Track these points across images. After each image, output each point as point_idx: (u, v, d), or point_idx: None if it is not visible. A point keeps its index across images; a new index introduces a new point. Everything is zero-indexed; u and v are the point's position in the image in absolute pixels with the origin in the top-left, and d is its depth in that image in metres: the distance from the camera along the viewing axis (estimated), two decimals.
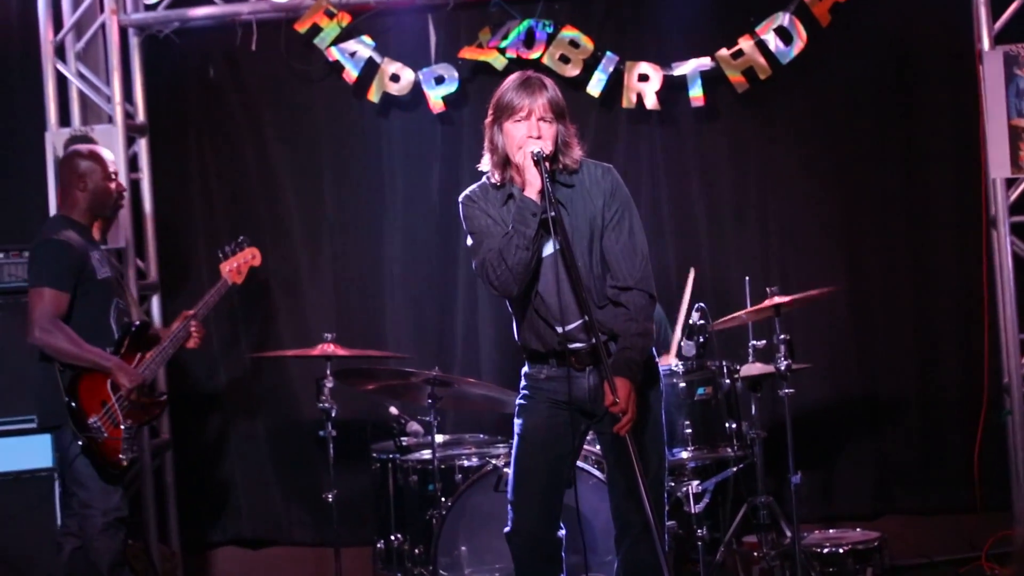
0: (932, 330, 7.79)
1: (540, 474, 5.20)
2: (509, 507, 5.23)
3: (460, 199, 5.25)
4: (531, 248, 4.97)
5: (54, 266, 6.27)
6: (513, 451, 5.28)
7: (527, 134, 5.01)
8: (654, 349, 5.27)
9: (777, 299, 6.53)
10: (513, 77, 5.16)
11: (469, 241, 5.21)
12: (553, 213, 4.90)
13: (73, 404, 6.16)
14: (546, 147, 4.99)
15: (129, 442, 6.23)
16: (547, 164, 4.97)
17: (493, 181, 5.18)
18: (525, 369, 5.32)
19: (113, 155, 6.82)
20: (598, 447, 6.24)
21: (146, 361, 6.44)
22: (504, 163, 5.13)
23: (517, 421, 5.28)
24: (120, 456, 6.20)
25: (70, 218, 6.47)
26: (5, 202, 8.07)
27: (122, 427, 6.21)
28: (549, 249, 5.08)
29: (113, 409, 6.22)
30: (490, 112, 5.16)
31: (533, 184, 4.96)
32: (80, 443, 6.12)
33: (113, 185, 6.57)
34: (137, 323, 6.49)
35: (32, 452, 7.08)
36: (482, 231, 5.15)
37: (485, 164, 5.21)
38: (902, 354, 7.81)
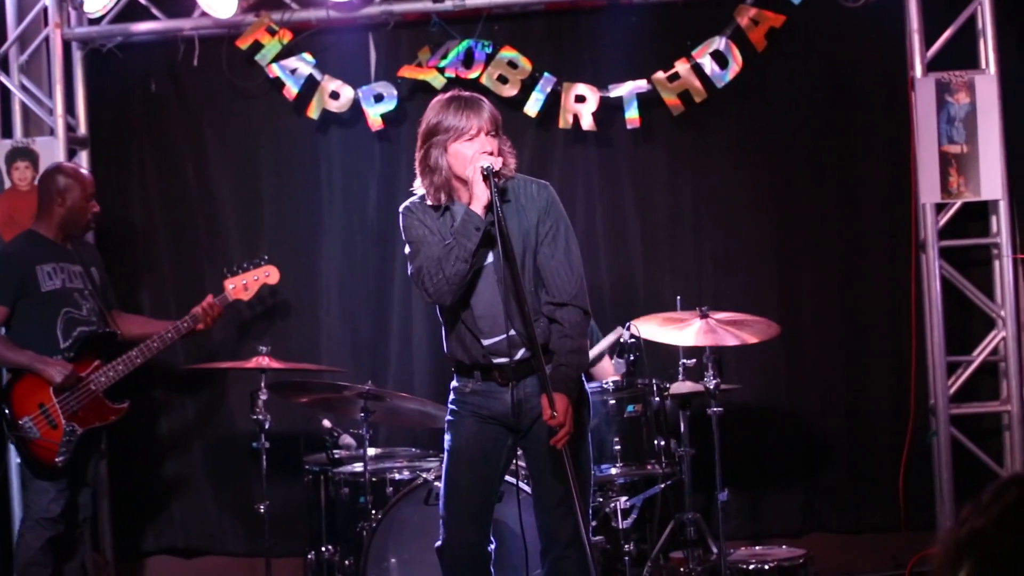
0: (861, 351, 7.85)
1: (470, 490, 5.26)
2: (440, 522, 5.29)
3: (400, 209, 5.29)
4: (470, 261, 5.02)
5: None
6: (443, 467, 5.33)
7: (480, 150, 5.04)
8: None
9: (708, 340, 6.57)
10: (444, 100, 5.17)
11: (407, 249, 5.26)
12: (498, 233, 4.95)
13: (3, 405, 6.35)
14: (496, 163, 5.02)
15: (68, 444, 6.35)
16: (496, 179, 5.01)
17: (429, 203, 5.20)
18: (453, 383, 5.37)
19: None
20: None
21: (105, 368, 6.57)
22: (446, 185, 5.13)
23: (446, 437, 5.33)
24: (57, 458, 6.33)
25: (36, 232, 6.68)
26: None
27: (60, 429, 6.34)
28: (484, 261, 5.14)
29: (52, 410, 6.36)
30: (426, 136, 5.14)
31: (480, 199, 5.00)
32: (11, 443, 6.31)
33: (90, 206, 6.78)
34: (99, 331, 6.65)
35: None
36: (419, 240, 5.18)
37: (419, 187, 5.23)
38: (831, 374, 7.87)
